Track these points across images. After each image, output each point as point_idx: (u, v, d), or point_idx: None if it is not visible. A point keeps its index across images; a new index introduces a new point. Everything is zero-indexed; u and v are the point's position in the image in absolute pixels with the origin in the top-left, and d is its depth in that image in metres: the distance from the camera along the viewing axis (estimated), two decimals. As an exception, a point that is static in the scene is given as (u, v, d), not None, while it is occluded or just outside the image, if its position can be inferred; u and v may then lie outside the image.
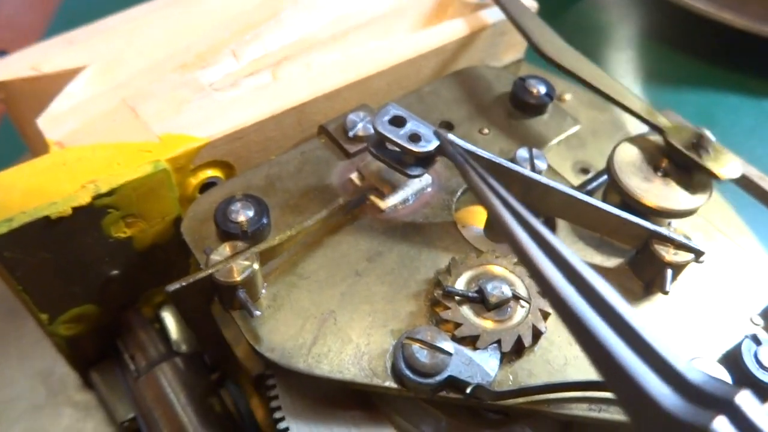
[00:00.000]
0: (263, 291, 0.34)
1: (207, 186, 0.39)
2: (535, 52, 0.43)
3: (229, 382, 0.44)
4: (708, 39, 0.85)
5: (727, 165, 0.36)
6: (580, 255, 0.37)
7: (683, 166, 0.37)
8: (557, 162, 0.43)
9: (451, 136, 0.35)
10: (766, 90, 0.86)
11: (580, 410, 0.31)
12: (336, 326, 0.33)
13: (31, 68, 0.41)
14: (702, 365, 0.30)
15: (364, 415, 0.35)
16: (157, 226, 0.37)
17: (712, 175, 0.36)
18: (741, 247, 0.39)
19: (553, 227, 0.39)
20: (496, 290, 0.33)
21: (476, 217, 0.41)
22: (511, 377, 0.32)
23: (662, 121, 0.38)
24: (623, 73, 0.82)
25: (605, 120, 0.51)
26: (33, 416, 0.44)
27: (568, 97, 0.52)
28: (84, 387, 0.44)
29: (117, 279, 0.38)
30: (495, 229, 0.38)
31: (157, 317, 0.42)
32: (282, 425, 0.34)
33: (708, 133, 0.36)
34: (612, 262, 0.37)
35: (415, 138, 0.35)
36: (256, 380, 0.40)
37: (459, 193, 0.40)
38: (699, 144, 0.36)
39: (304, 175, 0.39)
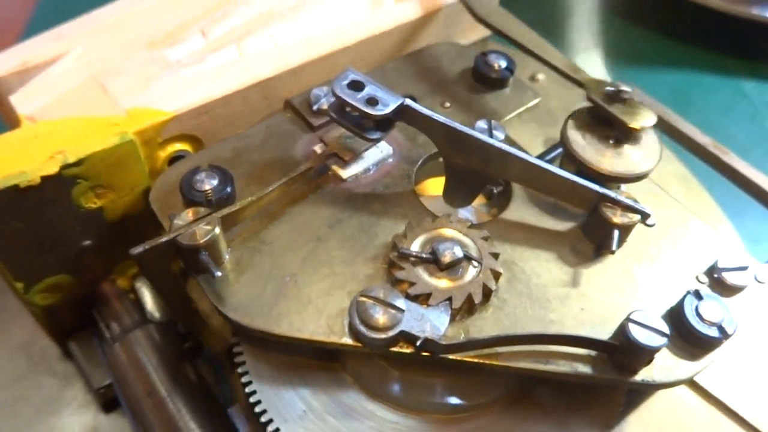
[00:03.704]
0: (226, 256, 0.35)
1: (176, 159, 0.41)
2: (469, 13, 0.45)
3: (206, 355, 0.45)
4: (684, 19, 0.86)
5: (641, 116, 0.38)
6: (534, 219, 0.39)
7: (604, 120, 0.39)
8: (529, 138, 0.44)
9: (409, 101, 0.37)
10: (741, 69, 0.87)
11: (527, 363, 0.33)
12: (296, 288, 0.35)
13: (20, 64, 0.42)
14: (641, 316, 0.32)
15: (328, 376, 0.37)
16: (127, 198, 0.39)
17: (627, 126, 0.38)
18: (691, 211, 0.40)
19: (509, 194, 0.40)
20: (448, 251, 0.34)
21: (436, 188, 0.42)
22: (462, 334, 0.33)
23: (584, 76, 0.40)
24: (598, 52, 0.83)
25: (577, 97, 0.52)
26: (14, 386, 0.45)
27: (541, 77, 0.53)
28: (64, 357, 0.46)
29: (90, 249, 0.40)
30: (451, 194, 0.40)
31: (132, 289, 0.44)
32: (249, 389, 0.36)
33: (625, 87, 0.38)
34: (565, 226, 0.39)
35: (372, 102, 0.36)
36: (228, 351, 0.41)
37: (419, 163, 0.41)
38: (616, 97, 0.38)
39: (269, 147, 0.41)
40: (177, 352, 0.41)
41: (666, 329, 0.32)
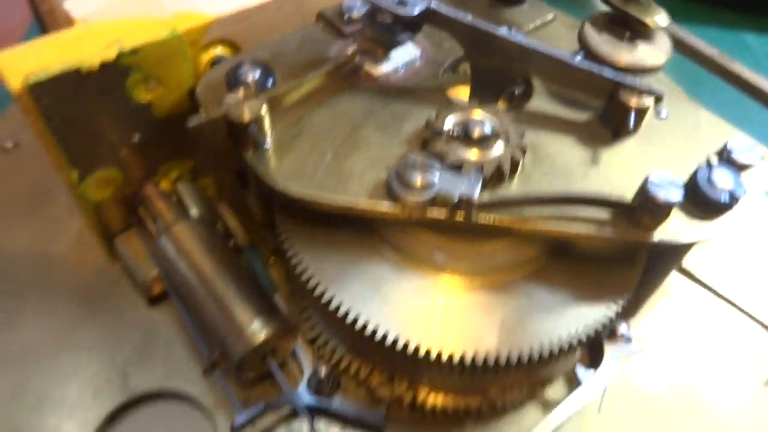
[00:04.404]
0: (270, 138, 0.38)
1: (217, 63, 0.43)
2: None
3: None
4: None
5: (655, 14, 0.41)
6: (555, 111, 0.42)
7: (619, 21, 0.41)
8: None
9: (435, 3, 0.40)
10: (744, 22, 0.90)
11: (554, 225, 0.36)
12: (337, 164, 0.37)
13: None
14: (658, 176, 0.35)
15: (367, 247, 0.39)
16: (174, 95, 0.42)
17: (643, 24, 0.40)
18: (701, 107, 0.43)
19: (530, 89, 0.43)
20: (478, 127, 0.37)
21: (461, 94, 0.45)
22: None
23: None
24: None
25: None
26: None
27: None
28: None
29: (138, 146, 0.42)
30: (476, 95, 0.42)
31: (174, 192, 0.46)
32: (295, 260, 0.38)
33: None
34: (583, 116, 0.41)
35: (401, 4, 0.39)
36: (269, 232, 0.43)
37: (446, 65, 0.44)
38: (632, -1, 0.41)
39: (305, 51, 0.43)
40: (221, 243, 0.43)
41: (681, 186, 0.34)
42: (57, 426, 0.41)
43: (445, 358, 0.35)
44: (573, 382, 0.44)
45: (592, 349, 0.45)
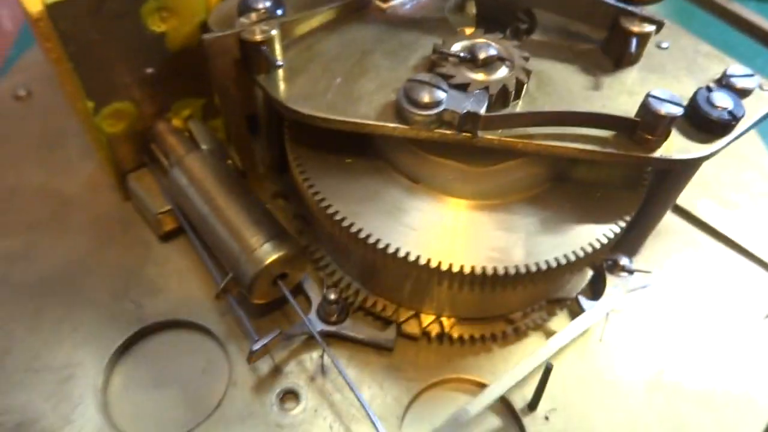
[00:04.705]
0: (280, 62, 0.39)
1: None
2: None
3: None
4: None
5: None
6: (558, 41, 0.43)
7: None
8: None
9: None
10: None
11: (558, 142, 0.37)
12: (347, 86, 0.39)
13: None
14: (659, 92, 0.36)
15: (373, 168, 0.41)
16: (187, 27, 0.42)
17: None
18: (701, 40, 0.44)
19: (534, 25, 0.44)
20: (483, 50, 0.38)
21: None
22: (498, 121, 0.37)
23: None
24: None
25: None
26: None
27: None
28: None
29: (151, 79, 0.43)
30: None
31: (186, 129, 0.47)
32: (307, 183, 0.39)
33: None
34: (585, 47, 0.42)
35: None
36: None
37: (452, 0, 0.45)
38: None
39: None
40: (232, 173, 0.44)
41: (681, 101, 0.36)
42: (74, 351, 0.42)
43: (467, 271, 0.36)
44: (577, 314, 0.45)
45: (594, 281, 0.47)
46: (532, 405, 0.41)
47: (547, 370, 0.39)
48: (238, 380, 0.42)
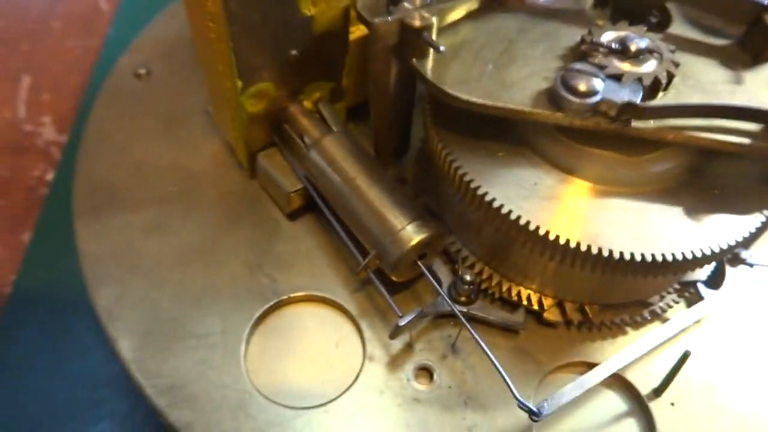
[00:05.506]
0: (442, 48, 0.40)
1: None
2: None
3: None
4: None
5: None
6: (692, 36, 0.43)
7: None
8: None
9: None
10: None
11: (713, 135, 0.38)
12: (498, 74, 0.40)
13: None
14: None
15: (522, 156, 0.41)
16: (333, 11, 0.44)
17: None
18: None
19: (668, 19, 0.45)
20: (634, 41, 0.39)
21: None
22: (649, 112, 0.38)
23: None
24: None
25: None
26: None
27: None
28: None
29: (294, 61, 0.45)
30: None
31: (316, 111, 0.49)
32: (455, 164, 0.41)
33: None
34: (722, 42, 0.43)
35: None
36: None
37: (587, -6, 0.46)
38: None
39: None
40: (369, 155, 0.46)
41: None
42: (216, 320, 0.44)
43: (606, 254, 0.38)
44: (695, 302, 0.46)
45: (714, 273, 0.47)
46: (659, 390, 0.43)
47: (684, 356, 0.40)
48: (375, 355, 0.43)
